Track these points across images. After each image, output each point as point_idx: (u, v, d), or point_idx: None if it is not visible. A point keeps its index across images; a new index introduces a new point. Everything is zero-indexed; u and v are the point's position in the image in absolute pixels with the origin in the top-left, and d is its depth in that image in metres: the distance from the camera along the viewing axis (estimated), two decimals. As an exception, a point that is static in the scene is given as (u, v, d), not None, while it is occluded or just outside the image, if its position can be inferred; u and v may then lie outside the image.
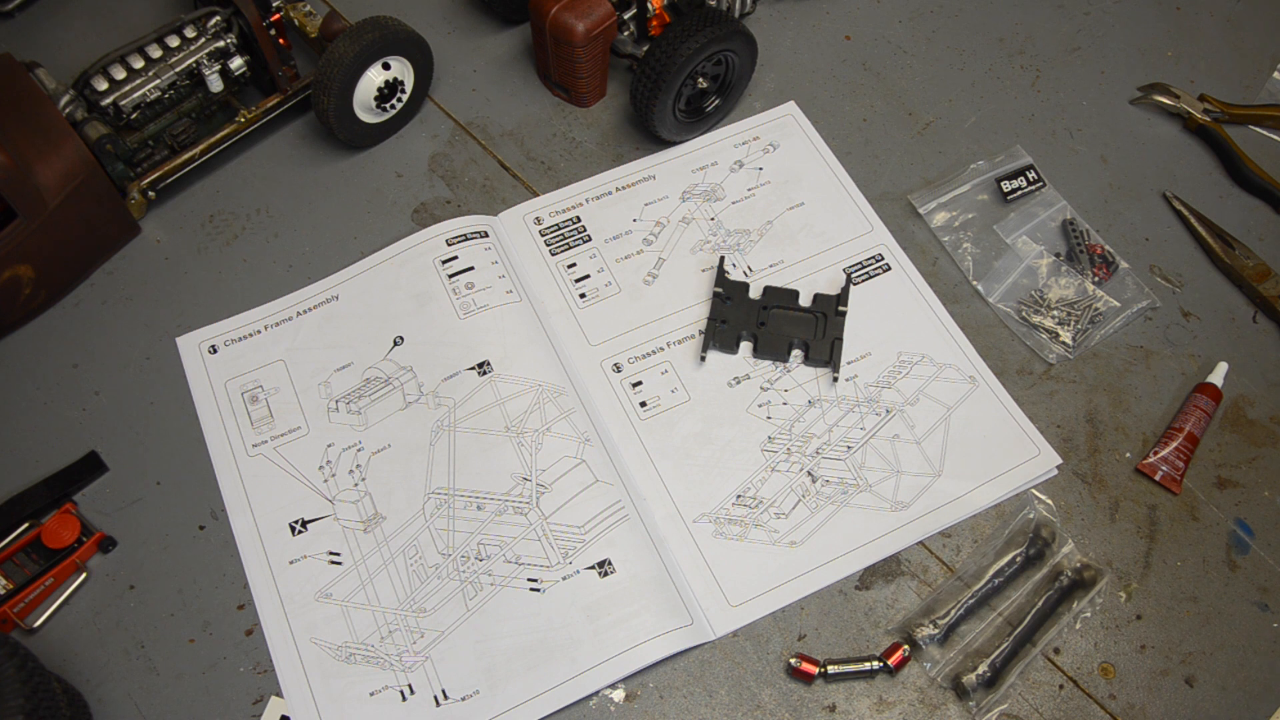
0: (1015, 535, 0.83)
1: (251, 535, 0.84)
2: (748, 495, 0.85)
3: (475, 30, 1.10)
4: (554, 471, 0.84)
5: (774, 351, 0.90)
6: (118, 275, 0.96)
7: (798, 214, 0.98)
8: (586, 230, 0.98)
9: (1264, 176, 0.99)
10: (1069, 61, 1.09)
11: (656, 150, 1.02)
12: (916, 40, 1.10)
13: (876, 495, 0.85)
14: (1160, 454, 0.86)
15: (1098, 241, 0.96)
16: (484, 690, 0.77)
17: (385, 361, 0.90)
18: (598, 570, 0.81)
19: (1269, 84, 1.07)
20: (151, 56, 0.93)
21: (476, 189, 1.01)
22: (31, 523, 0.83)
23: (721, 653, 0.80)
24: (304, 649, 0.79)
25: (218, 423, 0.88)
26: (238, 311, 0.94)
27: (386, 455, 0.86)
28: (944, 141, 1.03)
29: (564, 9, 0.96)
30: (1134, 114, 1.05)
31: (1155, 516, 0.85)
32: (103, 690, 0.78)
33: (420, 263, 0.94)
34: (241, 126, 0.98)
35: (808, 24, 1.10)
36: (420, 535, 0.83)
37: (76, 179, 0.89)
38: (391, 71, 0.97)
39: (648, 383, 0.90)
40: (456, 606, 0.80)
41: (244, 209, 0.99)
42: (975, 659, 0.79)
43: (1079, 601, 0.81)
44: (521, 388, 0.88)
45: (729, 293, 0.92)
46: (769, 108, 1.04)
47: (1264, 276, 0.94)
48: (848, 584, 0.82)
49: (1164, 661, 0.79)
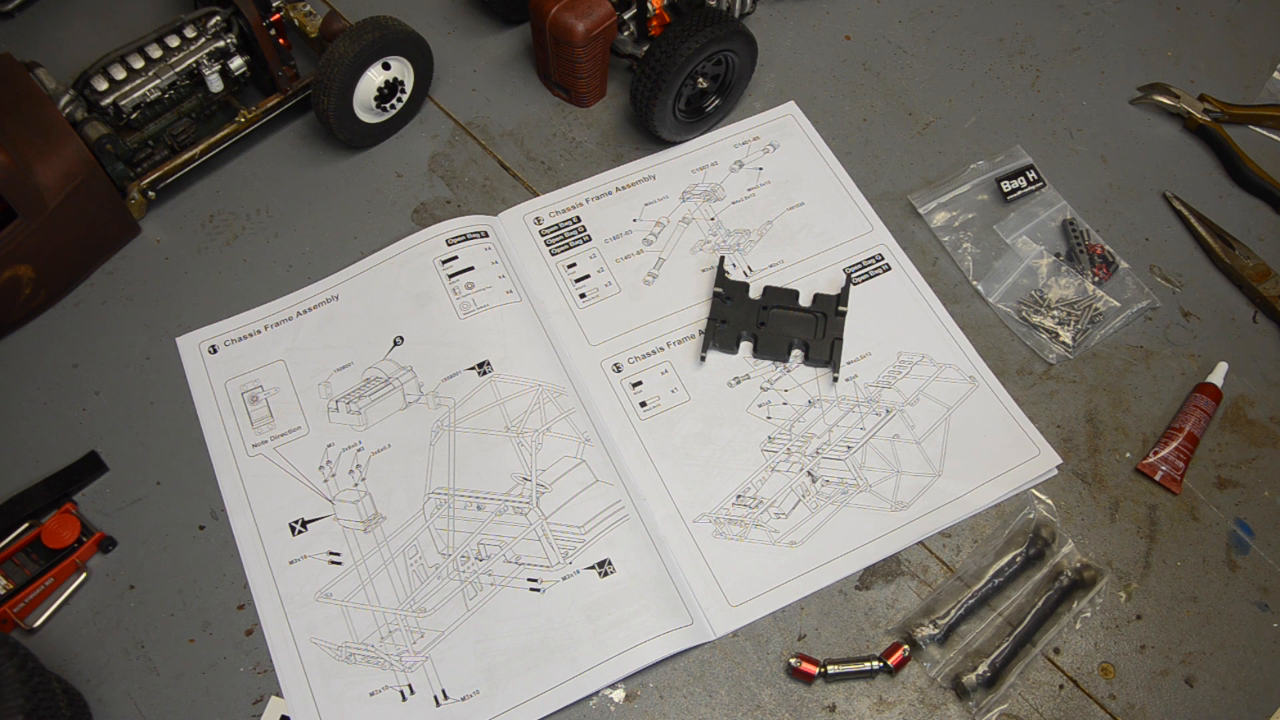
0: (1015, 535, 0.83)
1: (251, 535, 0.84)
2: (748, 495, 0.85)
3: (475, 30, 1.10)
4: (554, 471, 0.84)
5: (774, 351, 0.90)
6: (118, 275, 0.96)
7: (798, 214, 0.98)
8: (586, 230, 0.98)
9: (1264, 176, 0.99)
10: (1069, 61, 1.09)
11: (656, 150, 1.02)
12: (916, 40, 1.10)
13: (876, 495, 0.85)
14: (1160, 454, 0.86)
15: (1098, 241, 0.96)
16: (484, 690, 0.77)
17: (385, 361, 0.90)
18: (598, 570, 0.81)
19: (1269, 84, 1.07)
20: (151, 56, 0.93)
21: (476, 189, 1.01)
22: (31, 523, 0.83)
23: (721, 653, 0.80)
24: (304, 649, 0.79)
25: (218, 423, 0.88)
26: (238, 311, 0.94)
27: (386, 455, 0.86)
28: (944, 141, 1.03)
29: (564, 9, 0.96)
30: (1134, 114, 1.05)
31: (1155, 516, 0.85)
32: (103, 690, 0.78)
33: (420, 263, 0.94)
34: (241, 126, 0.98)
35: (808, 24, 1.10)
36: (420, 535, 0.83)
37: (76, 179, 0.89)
38: (391, 71, 0.97)
39: (648, 383, 0.90)
40: (456, 606, 0.80)
41: (244, 209, 0.99)
42: (975, 659, 0.79)
43: (1079, 601, 0.81)
44: (521, 388, 0.88)
45: (729, 293, 0.92)
46: (769, 108, 1.05)
47: (1264, 276, 0.94)
48: (848, 584, 0.82)
49: (1164, 661, 0.80)
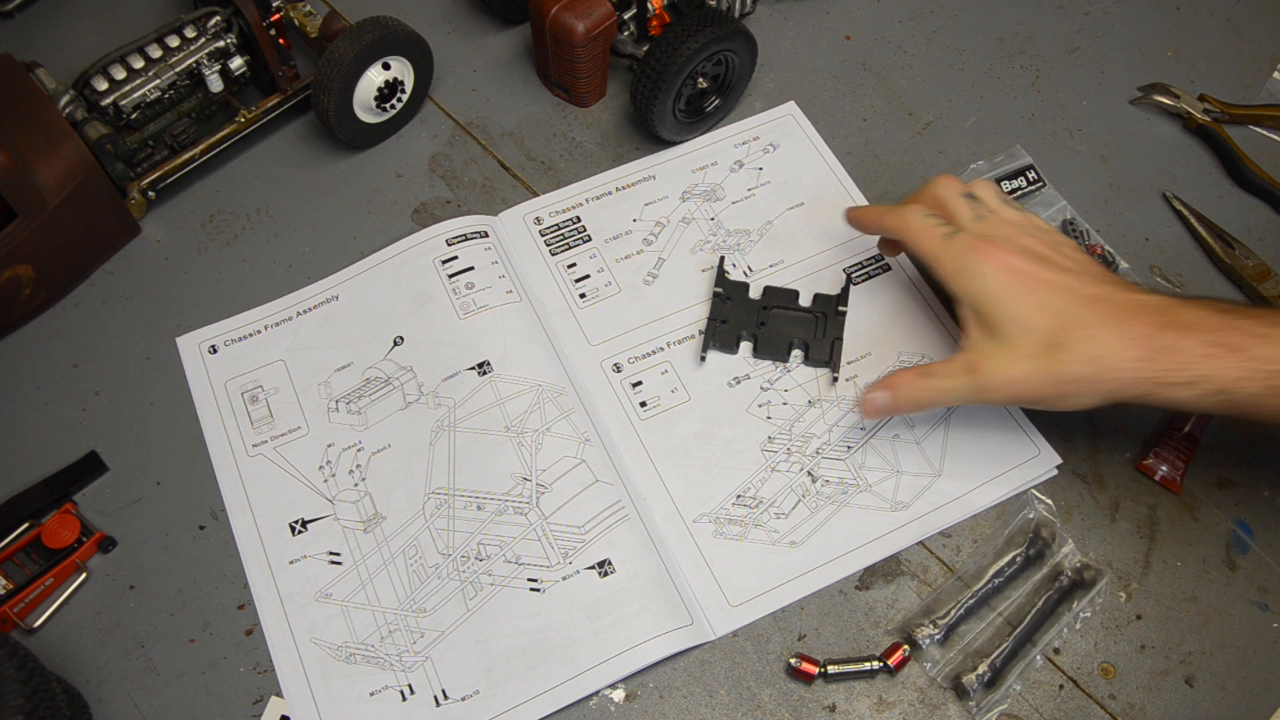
0: (1015, 535, 0.83)
1: (251, 535, 0.84)
2: (748, 495, 0.85)
3: (475, 30, 1.10)
4: (554, 471, 0.84)
5: (774, 351, 0.90)
6: (118, 275, 0.96)
7: (798, 214, 0.98)
8: (586, 230, 0.98)
9: (1264, 176, 0.99)
10: (1069, 61, 1.09)
11: (656, 150, 1.02)
12: (916, 40, 1.10)
13: (876, 495, 0.85)
14: (1160, 454, 0.86)
15: (1098, 241, 0.96)
16: (484, 690, 0.77)
17: (385, 361, 0.90)
18: (598, 570, 0.81)
19: (1269, 84, 1.07)
20: (151, 56, 0.93)
21: (476, 189, 1.01)
22: (31, 523, 0.83)
23: (721, 653, 0.80)
24: (304, 649, 0.79)
25: (218, 423, 0.88)
26: (238, 311, 0.94)
27: (386, 455, 0.86)
28: (944, 141, 1.03)
29: (564, 9, 0.96)
30: (1134, 114, 1.05)
31: (1155, 516, 0.85)
32: (103, 690, 0.78)
33: (420, 263, 0.94)
34: (241, 126, 0.98)
35: (808, 24, 1.10)
36: (420, 535, 0.83)
37: (76, 179, 0.89)
38: (391, 71, 0.97)
39: (648, 383, 0.90)
40: (456, 606, 0.80)
41: (244, 209, 0.99)
42: (975, 659, 0.79)
43: (1079, 601, 0.81)
44: (521, 388, 0.88)
45: (729, 293, 0.92)
46: (769, 108, 1.05)
47: (1264, 276, 0.94)
48: (848, 584, 0.82)
49: (1164, 661, 0.80)
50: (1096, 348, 0.72)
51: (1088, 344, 0.73)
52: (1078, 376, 0.73)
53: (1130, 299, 0.74)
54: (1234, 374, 0.71)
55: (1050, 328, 0.74)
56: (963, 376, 0.77)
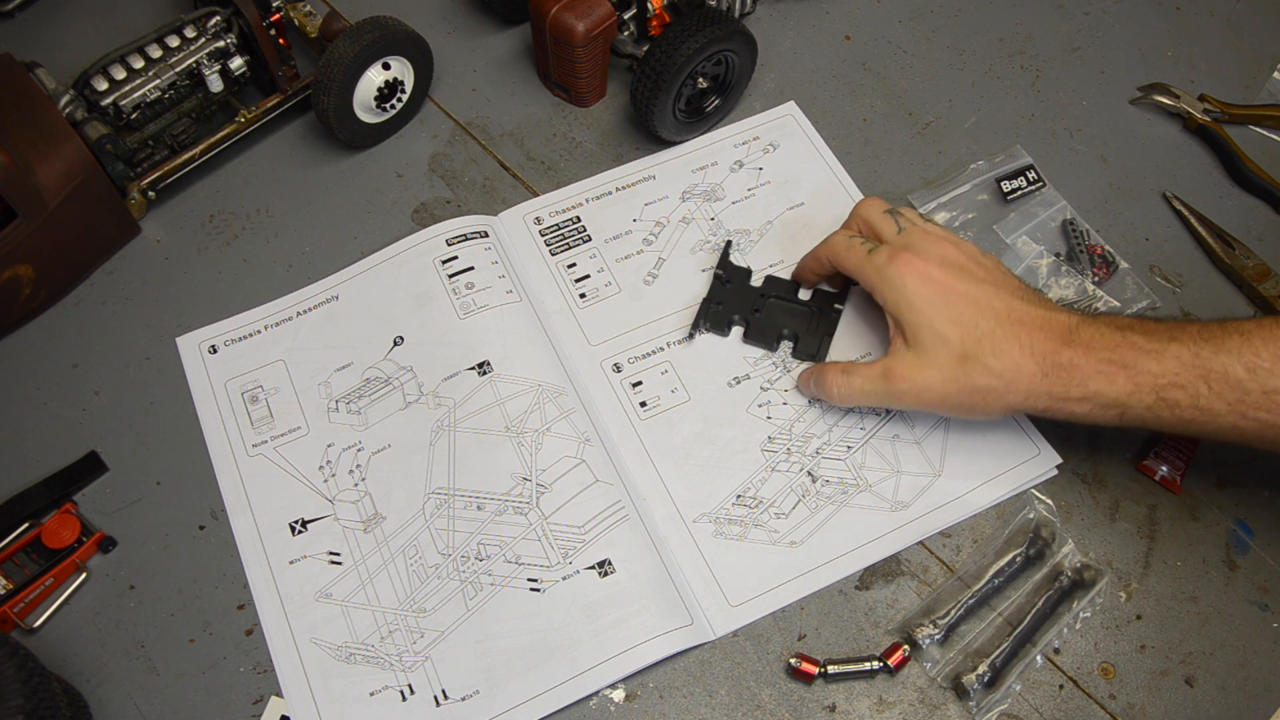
0: (1015, 535, 0.83)
1: (251, 535, 0.84)
2: (748, 495, 0.85)
3: (475, 30, 1.10)
4: (554, 471, 0.84)
5: (764, 339, 0.90)
6: (118, 275, 0.96)
7: (798, 214, 0.98)
8: (586, 230, 0.98)
9: (1264, 176, 0.99)
10: (1069, 61, 1.09)
11: (656, 150, 1.02)
12: (916, 40, 1.10)
13: (876, 495, 0.85)
14: (1160, 454, 0.86)
15: (1098, 241, 0.96)
16: (484, 690, 0.77)
17: (385, 361, 0.90)
18: (598, 570, 0.81)
19: (1269, 84, 1.07)
20: (151, 56, 0.93)
21: (476, 189, 1.01)
22: (31, 523, 0.83)
23: (721, 653, 0.80)
24: (304, 649, 0.79)
25: (218, 423, 0.88)
26: (238, 311, 0.94)
27: (386, 455, 0.86)
28: (944, 141, 1.03)
29: (564, 9, 0.96)
30: (1134, 114, 1.05)
31: (1155, 516, 0.85)
32: (103, 690, 0.78)
33: (420, 263, 0.94)
34: (241, 126, 0.98)
35: (808, 24, 1.10)
36: (420, 535, 0.83)
37: (76, 179, 0.89)
38: (391, 71, 0.97)
39: (648, 383, 0.90)
40: (456, 606, 0.80)
41: (244, 209, 0.99)
42: (975, 659, 0.79)
43: (1079, 601, 0.81)
44: (521, 388, 0.88)
45: (730, 276, 0.93)
46: (769, 108, 1.05)
47: (1264, 276, 0.94)
48: (848, 584, 0.82)
49: (1164, 661, 0.80)
50: (1003, 362, 0.76)
51: (996, 358, 0.76)
52: (985, 388, 0.77)
53: (1038, 315, 0.77)
54: (1125, 389, 0.74)
55: (962, 340, 0.77)
56: (879, 381, 0.81)
